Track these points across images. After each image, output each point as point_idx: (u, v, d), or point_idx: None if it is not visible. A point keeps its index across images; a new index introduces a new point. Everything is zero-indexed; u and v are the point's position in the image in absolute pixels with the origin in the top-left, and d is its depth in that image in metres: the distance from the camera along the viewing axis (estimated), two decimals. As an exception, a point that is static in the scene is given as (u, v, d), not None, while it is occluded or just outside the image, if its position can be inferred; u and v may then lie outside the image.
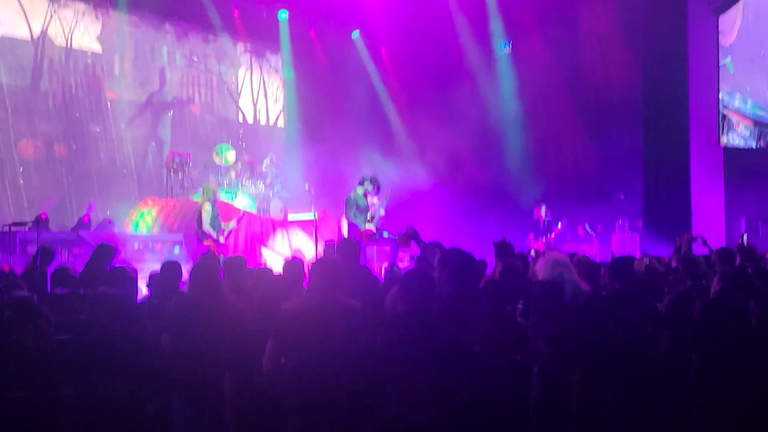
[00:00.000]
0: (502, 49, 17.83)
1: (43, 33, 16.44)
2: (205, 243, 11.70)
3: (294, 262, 5.73)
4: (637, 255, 10.44)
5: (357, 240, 10.02)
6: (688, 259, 6.18)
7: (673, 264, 7.27)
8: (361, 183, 11.47)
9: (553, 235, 14.10)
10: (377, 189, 11.51)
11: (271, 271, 6.00)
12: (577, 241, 14.51)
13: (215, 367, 4.89)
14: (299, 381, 4.25)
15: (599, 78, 15.68)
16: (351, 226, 11.25)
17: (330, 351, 4.21)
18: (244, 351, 4.70)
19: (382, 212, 11.55)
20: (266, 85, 20.32)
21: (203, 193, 12.42)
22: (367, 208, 11.36)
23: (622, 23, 15.51)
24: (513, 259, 6.65)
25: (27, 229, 10.71)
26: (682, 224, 14.26)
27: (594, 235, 14.70)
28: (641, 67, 15.39)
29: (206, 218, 11.93)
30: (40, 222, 10.93)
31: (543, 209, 14.42)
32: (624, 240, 14.87)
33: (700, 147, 15.08)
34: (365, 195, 11.42)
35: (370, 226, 11.24)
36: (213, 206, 12.15)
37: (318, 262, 4.63)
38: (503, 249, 7.06)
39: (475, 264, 4.48)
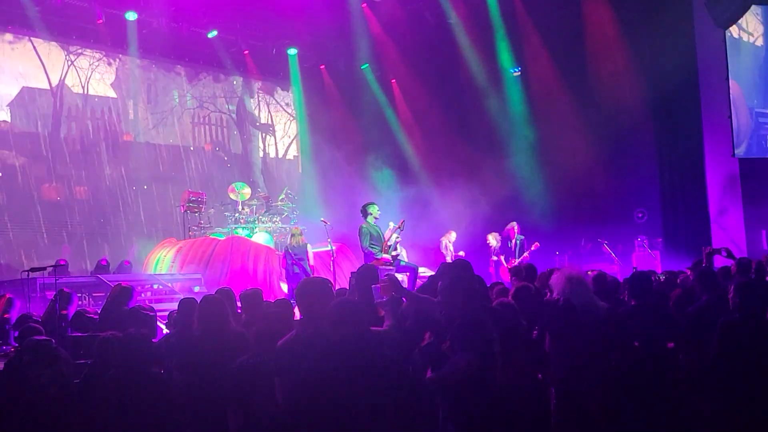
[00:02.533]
0: (511, 73, 17.87)
1: (62, 83, 16.83)
2: None
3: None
4: (659, 272, 10.33)
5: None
6: (702, 273, 6.09)
7: (691, 277, 7.17)
8: (365, 213, 11.37)
9: (526, 253, 13.78)
10: None
11: (283, 303, 5.97)
12: (598, 260, 14.38)
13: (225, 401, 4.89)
14: (300, 415, 4.12)
15: (610, 98, 15.64)
16: (367, 255, 11.17)
17: (323, 382, 3.97)
18: (248, 385, 4.64)
19: (398, 237, 11.42)
20: (277, 121, 20.46)
21: (298, 235, 13.00)
22: (381, 237, 11.27)
23: (630, 40, 15.54)
24: (529, 280, 6.61)
25: (46, 275, 10.77)
26: (702, 240, 14.13)
27: (613, 254, 14.58)
28: (651, 83, 15.35)
29: (311, 256, 12.66)
30: (59, 267, 10.97)
31: (515, 227, 14.14)
32: (645, 258, 14.72)
33: (715, 160, 14.98)
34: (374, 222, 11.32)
35: (387, 256, 11.13)
36: None
37: (301, 288, 4.40)
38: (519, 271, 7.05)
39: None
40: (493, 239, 14.37)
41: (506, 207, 16.18)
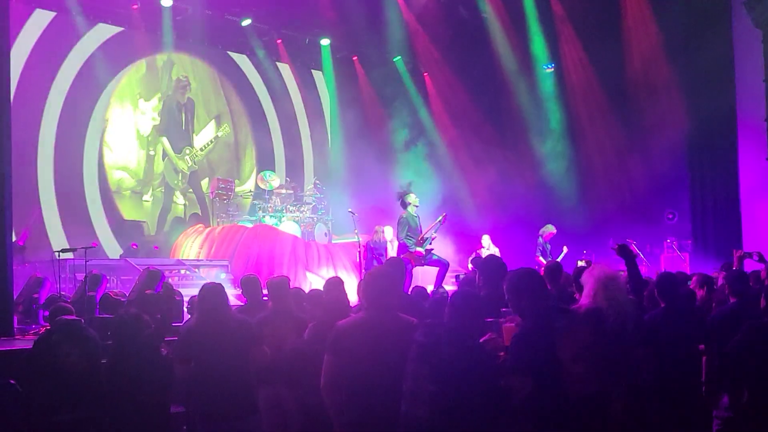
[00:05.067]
0: (544, 69, 17.76)
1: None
2: None
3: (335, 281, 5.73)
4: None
5: (405, 261, 9.96)
6: (734, 276, 6.00)
7: (719, 281, 7.06)
8: (404, 203, 11.25)
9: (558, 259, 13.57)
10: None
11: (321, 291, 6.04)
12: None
13: (235, 385, 5.04)
14: (353, 397, 4.16)
15: (643, 96, 15.52)
16: (401, 246, 11.13)
17: (388, 367, 4.07)
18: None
19: (434, 233, 11.34)
20: (307, 111, 20.45)
21: (380, 232, 13.44)
22: (419, 230, 11.17)
23: (666, 39, 15.38)
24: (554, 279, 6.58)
25: (76, 257, 10.92)
26: (732, 243, 13.94)
27: (641, 255, 14.44)
28: (686, 84, 15.16)
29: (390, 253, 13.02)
30: (90, 249, 11.11)
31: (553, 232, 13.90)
32: (673, 260, 14.59)
33: (748, 164, 14.77)
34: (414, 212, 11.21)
35: (421, 249, 11.06)
36: None
37: (371, 277, 4.44)
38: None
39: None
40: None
41: (538, 207, 16.20)
